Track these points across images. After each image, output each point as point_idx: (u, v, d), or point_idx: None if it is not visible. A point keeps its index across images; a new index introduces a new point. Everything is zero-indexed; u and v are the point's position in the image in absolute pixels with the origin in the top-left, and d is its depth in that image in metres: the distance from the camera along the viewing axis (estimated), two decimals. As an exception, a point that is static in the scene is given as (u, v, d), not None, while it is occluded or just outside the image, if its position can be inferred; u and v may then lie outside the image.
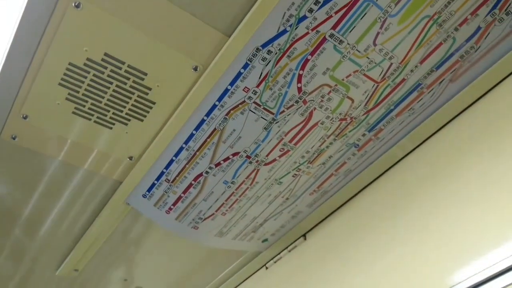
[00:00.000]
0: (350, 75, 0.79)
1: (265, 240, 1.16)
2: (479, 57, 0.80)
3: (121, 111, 0.82)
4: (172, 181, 0.94)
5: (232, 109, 0.81)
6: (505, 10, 0.74)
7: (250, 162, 0.91)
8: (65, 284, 1.31)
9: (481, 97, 0.84)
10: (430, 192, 0.85)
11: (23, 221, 1.05)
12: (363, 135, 0.91)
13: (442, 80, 0.83)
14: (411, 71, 0.80)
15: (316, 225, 1.12)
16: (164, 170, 0.92)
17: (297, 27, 0.71)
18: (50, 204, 1.01)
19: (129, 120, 0.84)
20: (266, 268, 1.23)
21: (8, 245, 1.13)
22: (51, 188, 0.97)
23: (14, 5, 0.69)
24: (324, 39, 0.73)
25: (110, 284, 1.35)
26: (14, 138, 0.84)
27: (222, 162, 0.90)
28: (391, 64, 0.78)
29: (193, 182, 0.93)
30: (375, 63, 0.78)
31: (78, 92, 0.78)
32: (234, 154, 0.89)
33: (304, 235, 1.14)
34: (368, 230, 0.96)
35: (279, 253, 1.19)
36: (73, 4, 0.66)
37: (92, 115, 0.82)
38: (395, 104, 0.85)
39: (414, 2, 0.71)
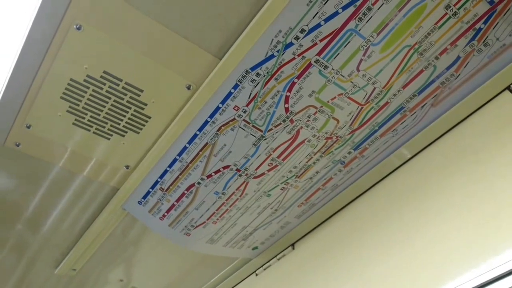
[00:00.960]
0: (335, 97, 0.83)
1: (255, 248, 1.20)
2: (459, 84, 0.84)
3: (119, 124, 0.87)
4: (166, 190, 0.98)
5: (223, 125, 0.86)
6: (483, 42, 0.78)
7: (240, 175, 0.95)
8: (63, 283, 1.37)
9: (461, 121, 0.88)
10: (413, 207, 0.89)
11: (25, 222, 1.10)
12: (349, 152, 0.95)
13: (424, 105, 0.87)
14: (394, 95, 0.84)
15: (304, 235, 1.16)
16: (159, 180, 0.97)
17: (284, 53, 0.76)
18: (51, 207, 1.07)
19: (126, 132, 0.89)
20: (256, 274, 1.27)
21: (9, 244, 1.19)
22: (52, 193, 1.03)
23: (20, 24, 0.74)
24: (310, 64, 0.78)
25: (107, 284, 1.40)
26: (18, 145, 0.89)
27: (213, 174, 0.95)
28: (375, 88, 0.83)
29: (185, 192, 0.98)
30: (359, 87, 0.82)
31: (78, 105, 0.83)
32: (225, 167, 0.93)
33: (292, 245, 1.18)
34: (354, 242, 1.00)
35: (268, 261, 1.23)
36: (74, 26, 0.72)
37: (91, 126, 0.87)
38: (379, 125, 0.90)
39: (395, 33, 0.75)
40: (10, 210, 1.08)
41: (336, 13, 0.71)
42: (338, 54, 0.77)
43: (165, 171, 0.95)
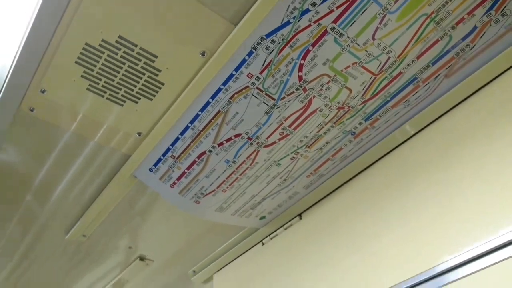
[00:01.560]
0: (349, 66, 0.83)
1: (263, 217, 1.22)
2: (474, 55, 0.84)
3: (132, 90, 0.88)
4: (177, 158, 1.00)
5: (236, 93, 0.86)
6: (501, 12, 0.77)
7: (251, 144, 0.96)
8: (73, 249, 1.40)
9: (474, 92, 0.88)
10: (423, 179, 0.90)
11: (37, 187, 1.12)
12: (360, 123, 0.95)
13: (438, 75, 0.87)
14: (408, 65, 0.84)
15: (312, 205, 1.17)
16: (170, 147, 0.98)
17: (300, 19, 0.75)
18: (62, 173, 1.08)
19: (139, 98, 0.89)
20: (263, 244, 1.29)
21: (21, 209, 1.21)
22: (64, 158, 1.04)
23: (36, -13, 0.74)
24: (325, 32, 0.77)
25: (116, 250, 1.43)
26: (32, 110, 0.90)
27: (224, 142, 0.95)
28: (389, 58, 0.82)
29: (196, 160, 0.99)
30: (373, 56, 0.82)
31: (93, 70, 0.83)
32: (236, 136, 0.94)
33: (299, 215, 1.20)
34: (362, 213, 1.02)
35: (275, 231, 1.25)
36: (91, -11, 0.71)
37: (105, 92, 0.88)
38: (391, 96, 0.90)
39: (413, 0, 0.75)
40: (22, 176, 1.09)
41: (354, -21, 0.71)
42: (354, 21, 0.76)
43: (177, 139, 0.96)
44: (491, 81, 0.85)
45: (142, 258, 1.48)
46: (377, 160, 1.03)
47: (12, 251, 1.43)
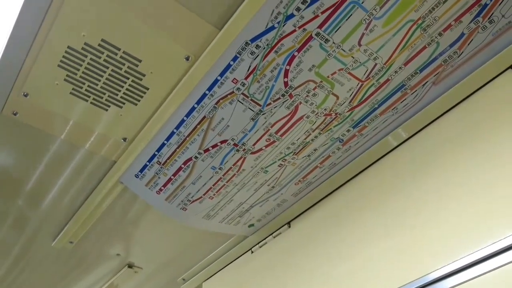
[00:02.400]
0: (335, 72, 0.82)
1: (251, 225, 1.20)
2: (462, 62, 0.83)
3: (116, 94, 0.87)
4: (163, 164, 0.98)
5: (221, 98, 0.85)
6: (489, 18, 0.76)
7: (237, 150, 0.95)
8: (60, 256, 1.38)
9: (463, 100, 0.87)
10: (414, 186, 0.89)
11: (22, 193, 1.11)
12: (348, 130, 0.94)
13: (426, 82, 0.86)
14: (395, 72, 0.83)
15: (301, 213, 1.16)
16: (156, 153, 0.97)
17: (284, 24, 0.74)
18: (48, 178, 1.07)
19: (123, 103, 0.88)
20: (252, 252, 1.27)
21: (6, 216, 1.19)
22: (49, 163, 1.02)
23: (18, -11, 0.73)
24: (311, 37, 0.76)
25: (104, 258, 1.41)
26: (15, 114, 0.89)
27: (210, 148, 0.94)
28: (376, 64, 0.82)
29: (182, 166, 0.98)
30: (360, 62, 0.81)
31: (76, 74, 0.82)
32: (222, 142, 0.93)
33: (288, 223, 1.19)
34: (352, 220, 1.00)
35: (264, 239, 1.23)
36: (72, -9, 0.70)
37: (89, 96, 0.87)
38: (379, 103, 0.89)
39: (399, 6, 0.74)
40: (7, 182, 1.08)
41: (338, -16, 0.70)
42: (340, 27, 0.75)
43: (163, 144, 0.95)
44: (479, 88, 0.84)
45: (130, 266, 1.46)
46: (366, 168, 1.02)
47: (3, 257, 1.41)
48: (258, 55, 0.79)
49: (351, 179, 1.05)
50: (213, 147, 0.94)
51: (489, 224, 0.71)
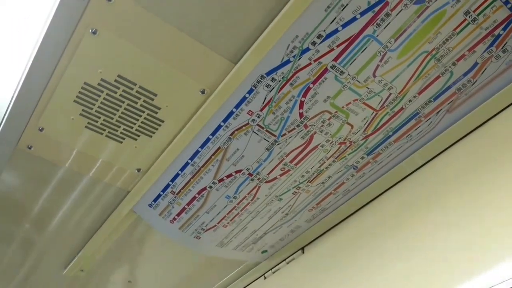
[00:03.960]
0: (350, 103, 0.82)
1: (265, 251, 1.20)
2: (476, 90, 0.83)
3: (131, 127, 0.87)
4: (177, 193, 0.98)
5: (237, 130, 0.86)
6: (502, 48, 0.77)
7: (252, 180, 0.95)
8: (71, 284, 1.37)
9: (477, 127, 0.87)
10: (426, 214, 0.88)
11: (35, 223, 1.10)
12: (362, 158, 0.94)
13: (439, 110, 0.86)
14: (409, 101, 0.84)
15: (314, 239, 1.15)
16: (170, 183, 0.97)
17: (300, 58, 0.75)
18: (62, 208, 1.07)
19: (138, 136, 0.89)
20: (265, 278, 1.27)
21: (19, 244, 1.19)
22: (63, 194, 1.02)
23: (36, 27, 0.74)
24: (326, 70, 0.77)
25: (114, 285, 1.41)
26: (30, 148, 0.89)
27: (225, 178, 0.94)
28: (390, 94, 0.82)
29: (197, 195, 0.98)
30: (375, 92, 0.81)
31: (91, 109, 0.83)
32: (237, 172, 0.93)
33: (302, 249, 1.18)
34: (365, 246, 1.00)
35: (277, 265, 1.23)
36: (90, 31, 0.71)
37: (104, 130, 0.87)
38: (393, 130, 0.89)
39: (413, 39, 0.74)
40: (21, 212, 1.08)
41: (354, 19, 0.71)
42: (355, 60, 0.76)
43: (177, 175, 0.95)
44: (494, 115, 0.84)
45: (141, 292, 1.45)
46: (380, 194, 1.02)
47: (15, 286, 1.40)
48: (273, 88, 0.79)
49: (365, 205, 1.04)
50: (227, 176, 0.94)
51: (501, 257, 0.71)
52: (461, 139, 0.89)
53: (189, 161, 0.92)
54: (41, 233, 1.16)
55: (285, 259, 1.21)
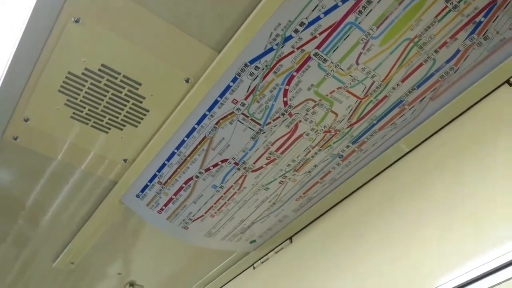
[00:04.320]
0: (333, 91, 0.83)
1: (253, 241, 1.20)
2: (459, 77, 0.84)
3: (117, 117, 0.87)
4: (164, 184, 0.98)
5: (222, 119, 0.86)
6: (483, 35, 0.78)
7: (238, 169, 0.95)
8: (61, 276, 1.37)
9: (460, 114, 0.88)
10: (412, 201, 0.89)
11: (23, 215, 1.10)
12: (347, 146, 0.95)
13: (423, 98, 0.87)
14: (393, 88, 0.84)
15: (302, 229, 1.16)
16: (157, 173, 0.97)
17: (283, 46, 0.75)
18: (49, 200, 1.06)
19: (124, 125, 0.89)
20: (254, 268, 1.27)
21: (7, 237, 1.19)
22: (50, 186, 1.02)
23: (18, 17, 0.73)
24: (309, 58, 0.77)
25: (105, 277, 1.41)
26: (15, 139, 0.89)
27: (211, 167, 0.95)
28: (374, 82, 0.82)
29: (183, 185, 0.98)
30: (358, 80, 0.82)
31: (76, 98, 0.83)
32: (223, 161, 0.93)
33: (290, 238, 1.19)
34: (353, 234, 1.01)
35: (266, 254, 1.23)
36: (72, 19, 0.71)
37: (89, 120, 0.87)
38: (377, 119, 0.90)
39: (395, 26, 0.75)
40: (8, 204, 1.07)
41: (336, 6, 0.71)
42: (338, 47, 0.76)
43: (163, 165, 0.95)
44: (476, 102, 0.85)
45: (132, 284, 1.45)
46: (366, 182, 1.03)
47: (3, 278, 1.40)
48: (257, 76, 0.79)
49: (351, 193, 1.05)
50: (214, 166, 0.94)
51: (497, 234, 0.71)
52: (444, 126, 0.90)
53: (175, 150, 0.92)
54: (29, 226, 1.15)
55: (273, 249, 1.22)
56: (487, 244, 0.71)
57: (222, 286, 1.39)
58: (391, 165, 0.98)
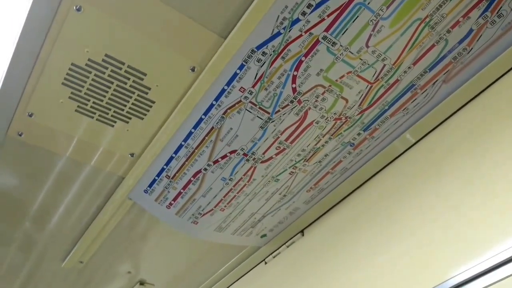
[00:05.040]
0: (343, 76, 0.81)
1: (264, 235, 1.18)
2: (472, 58, 0.81)
3: (122, 110, 0.85)
4: (172, 177, 0.97)
5: (229, 108, 0.84)
6: (497, 13, 0.75)
7: (247, 160, 0.93)
8: (70, 276, 1.35)
9: (474, 97, 0.85)
10: (427, 189, 0.87)
11: (30, 214, 1.09)
12: (358, 134, 0.93)
13: (436, 81, 0.84)
14: (404, 72, 0.82)
15: (314, 221, 1.14)
16: (165, 167, 0.95)
17: (290, 30, 0.73)
18: (56, 198, 1.05)
19: (130, 118, 0.87)
20: (265, 263, 1.25)
21: (14, 237, 1.18)
22: (56, 183, 1.01)
23: (18, 9, 0.72)
24: (317, 41, 0.75)
25: (115, 276, 1.39)
26: (20, 135, 0.88)
27: (220, 159, 0.93)
28: (384, 65, 0.80)
29: (192, 179, 0.96)
30: (368, 64, 0.79)
31: (80, 91, 0.81)
32: (232, 152, 0.91)
33: (302, 231, 1.16)
34: (366, 226, 0.98)
35: (277, 249, 1.21)
36: (74, 8, 0.69)
37: (94, 113, 0.85)
38: (389, 104, 0.87)
39: (406, 5, 0.73)
40: (14, 202, 1.06)
41: (344, -14, 0.69)
42: (347, 29, 0.74)
43: (171, 158, 0.93)
44: (491, 84, 0.83)
45: (142, 283, 1.43)
46: (378, 171, 1.00)
47: (13, 280, 1.39)
48: (264, 62, 0.77)
49: (364, 183, 1.03)
50: (222, 158, 0.92)
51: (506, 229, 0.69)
52: (458, 110, 0.87)
53: (183, 143, 0.90)
54: (36, 226, 1.14)
55: (285, 243, 1.19)
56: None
57: (234, 282, 1.37)
58: (404, 152, 0.95)
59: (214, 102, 0.83)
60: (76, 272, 1.34)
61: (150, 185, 0.99)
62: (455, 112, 0.87)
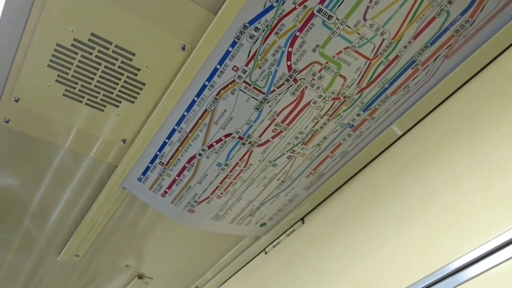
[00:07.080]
0: (341, 52, 0.77)
1: (263, 224, 1.15)
2: (475, 31, 0.78)
3: (112, 93, 0.82)
4: (166, 164, 0.93)
5: (222, 89, 0.81)
6: (501, -19, 0.72)
7: (243, 144, 0.90)
8: (67, 270, 1.33)
9: (478, 72, 0.82)
10: (429, 171, 0.83)
11: (20, 206, 1.06)
12: (358, 115, 0.89)
13: (437, 56, 0.81)
14: (405, 47, 0.78)
15: (314, 208, 1.11)
16: (158, 153, 0.92)
17: (284, 2, 0.70)
18: (46, 188, 1.02)
19: (120, 102, 0.84)
20: (266, 253, 1.22)
21: (6, 232, 1.15)
22: (47, 172, 0.98)
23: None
24: (312, 15, 0.72)
25: (112, 269, 1.36)
26: (7, 122, 0.85)
27: (214, 143, 0.89)
28: (383, 40, 0.77)
29: (186, 165, 0.93)
30: (366, 39, 0.76)
31: (67, 73, 0.78)
32: (226, 136, 0.88)
33: (302, 219, 1.13)
34: (368, 212, 0.95)
35: (278, 238, 1.18)
36: (56, -17, 0.66)
37: (83, 97, 0.82)
38: (389, 82, 0.84)
39: (404, -26, 0.69)
40: (2, 195, 1.03)
41: (338, -47, 0.65)
42: (343, 1, 0.70)
43: (164, 143, 0.90)
44: (495, 58, 0.79)
45: (140, 276, 1.40)
46: (380, 154, 0.97)
47: (13, 278, 1.36)
48: (258, 38, 0.74)
49: (365, 166, 1.00)
50: (217, 142, 0.89)
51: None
52: (461, 86, 0.83)
53: (176, 127, 0.87)
54: (28, 218, 1.11)
55: (285, 231, 1.16)
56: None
57: (234, 274, 1.34)
58: (405, 133, 0.92)
59: (206, 83, 0.80)
60: (73, 267, 1.32)
61: (144, 173, 0.96)
62: (458, 88, 0.84)
